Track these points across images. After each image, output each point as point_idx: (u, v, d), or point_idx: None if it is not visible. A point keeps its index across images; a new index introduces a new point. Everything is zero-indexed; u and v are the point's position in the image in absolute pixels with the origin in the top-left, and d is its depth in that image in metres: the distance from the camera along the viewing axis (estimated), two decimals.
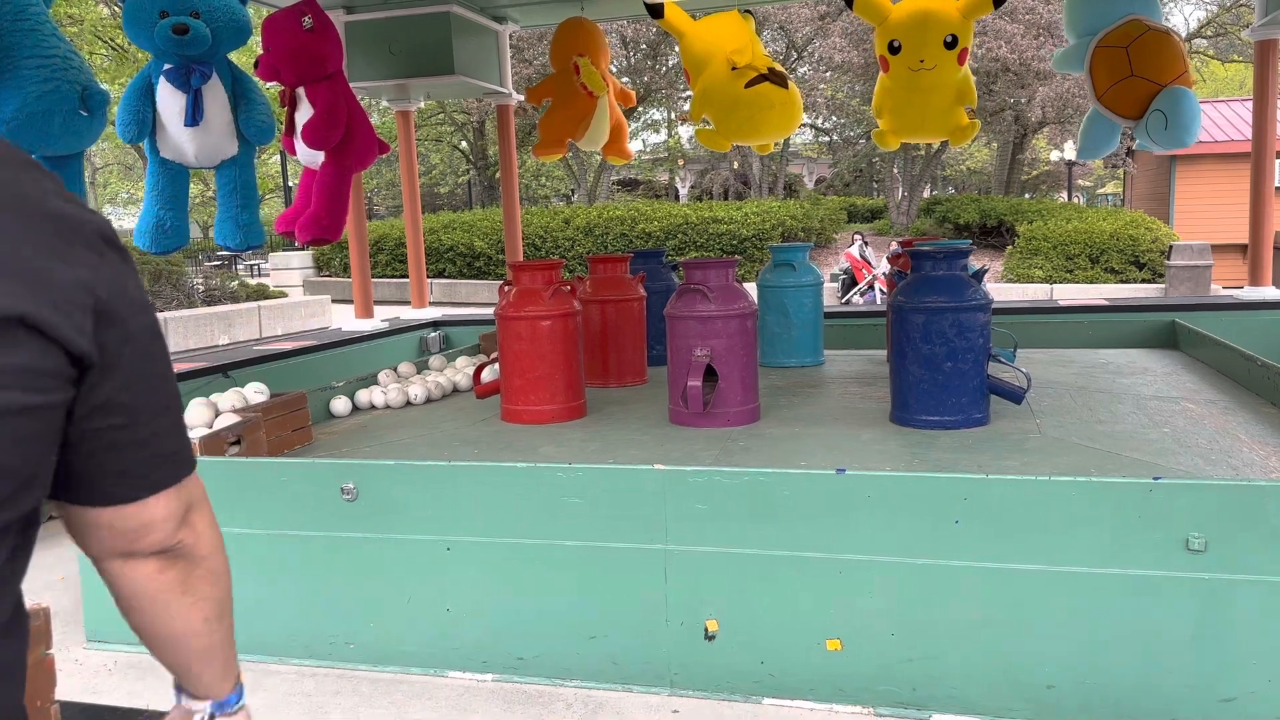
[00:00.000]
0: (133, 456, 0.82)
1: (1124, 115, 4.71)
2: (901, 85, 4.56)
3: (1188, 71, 4.61)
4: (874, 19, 4.45)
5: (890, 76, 4.54)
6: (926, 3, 4.44)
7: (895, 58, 4.45)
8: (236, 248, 4.28)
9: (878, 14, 4.43)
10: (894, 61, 4.47)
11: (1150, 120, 4.57)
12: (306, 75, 4.26)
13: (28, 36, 3.40)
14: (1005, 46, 16.28)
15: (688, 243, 17.11)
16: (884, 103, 4.69)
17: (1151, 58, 4.59)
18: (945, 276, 3.35)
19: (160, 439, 0.84)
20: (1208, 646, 2.31)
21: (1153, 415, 3.46)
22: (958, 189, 32.65)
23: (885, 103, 4.69)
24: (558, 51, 5.54)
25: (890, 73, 4.52)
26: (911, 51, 4.42)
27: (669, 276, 4.95)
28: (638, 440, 3.40)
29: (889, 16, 4.43)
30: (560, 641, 2.74)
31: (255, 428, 3.32)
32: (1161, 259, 14.22)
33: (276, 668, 2.93)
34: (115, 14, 14.90)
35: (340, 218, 4.46)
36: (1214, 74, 28.53)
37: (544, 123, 5.56)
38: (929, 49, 4.40)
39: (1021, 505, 2.39)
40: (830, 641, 2.54)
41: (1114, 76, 4.71)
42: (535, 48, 19.14)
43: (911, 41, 4.42)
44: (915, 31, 4.42)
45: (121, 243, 0.81)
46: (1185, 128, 4.50)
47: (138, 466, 0.83)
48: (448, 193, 29.39)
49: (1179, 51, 4.62)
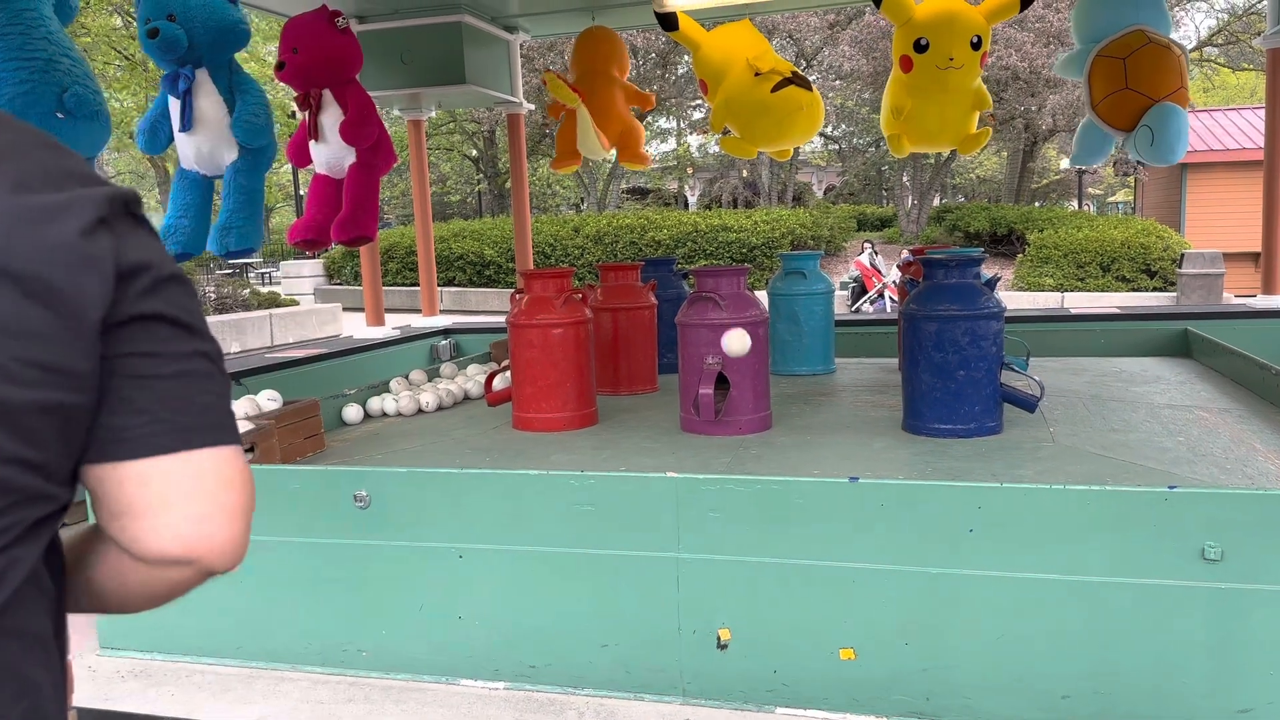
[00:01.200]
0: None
1: (1116, 126, 4.72)
2: (927, 85, 4.50)
3: (1184, 88, 4.59)
4: (899, 18, 4.39)
5: (914, 76, 4.45)
6: (953, 2, 4.42)
7: (922, 56, 4.36)
8: (219, 252, 4.27)
9: (903, 12, 4.37)
10: (920, 60, 4.38)
11: (1139, 135, 4.58)
12: (339, 77, 4.34)
13: (14, 40, 3.42)
14: (1016, 55, 16.28)
15: (697, 251, 17.14)
16: (901, 105, 4.62)
17: (1147, 72, 4.59)
18: (958, 285, 3.34)
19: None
20: (1224, 656, 2.29)
21: (1167, 424, 3.44)
22: (968, 197, 32.61)
23: (903, 105, 4.62)
24: (574, 62, 5.56)
25: (914, 72, 4.43)
26: (940, 50, 4.35)
27: (679, 284, 4.95)
28: (649, 448, 3.40)
29: (914, 15, 4.39)
30: (572, 650, 2.73)
31: (268, 435, 3.33)
32: (1173, 267, 14.17)
33: (290, 675, 2.93)
34: (128, 24, 15.01)
35: (375, 216, 4.59)
36: (1225, 82, 28.46)
37: (559, 136, 5.59)
38: (958, 47, 4.36)
39: (1036, 514, 2.38)
40: (844, 651, 2.53)
41: (1109, 87, 4.72)
42: (546, 57, 19.23)
43: (940, 39, 4.35)
44: (944, 29, 4.36)
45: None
46: (1169, 146, 4.52)
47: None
48: (459, 202, 29.50)
49: (1177, 67, 4.61)
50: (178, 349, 0.80)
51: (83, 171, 0.78)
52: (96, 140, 3.71)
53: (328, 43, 4.26)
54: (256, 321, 12.17)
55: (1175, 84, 4.56)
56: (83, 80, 3.61)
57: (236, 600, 2.97)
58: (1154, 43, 4.60)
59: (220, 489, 0.81)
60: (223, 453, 0.82)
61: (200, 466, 0.80)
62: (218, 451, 0.82)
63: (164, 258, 0.80)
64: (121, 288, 0.75)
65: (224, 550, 0.82)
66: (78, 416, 0.75)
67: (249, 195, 4.22)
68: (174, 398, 0.79)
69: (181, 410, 0.79)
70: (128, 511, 0.80)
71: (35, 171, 0.75)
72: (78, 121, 3.56)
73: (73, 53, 3.63)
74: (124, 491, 0.79)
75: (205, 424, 0.81)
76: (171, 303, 0.79)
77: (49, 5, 3.61)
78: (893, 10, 4.37)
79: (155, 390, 0.78)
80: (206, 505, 0.81)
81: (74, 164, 0.78)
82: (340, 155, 4.45)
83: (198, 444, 0.80)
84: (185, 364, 0.80)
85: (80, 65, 3.64)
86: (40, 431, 0.73)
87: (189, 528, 0.80)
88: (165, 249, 0.81)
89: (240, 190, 4.19)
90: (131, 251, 0.76)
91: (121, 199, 0.78)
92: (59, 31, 3.61)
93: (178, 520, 0.80)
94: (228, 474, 0.82)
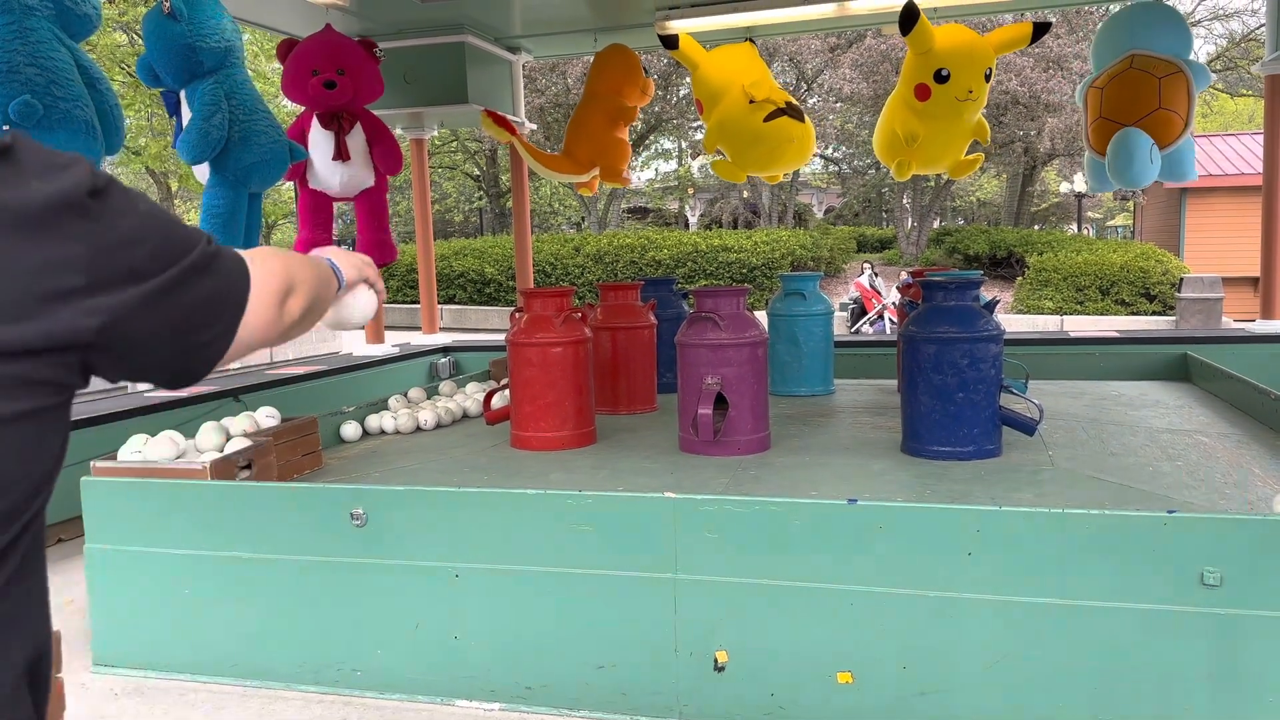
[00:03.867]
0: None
1: (1101, 154, 4.78)
2: (944, 114, 4.53)
3: (1160, 109, 4.62)
4: (921, 46, 4.42)
5: (931, 105, 4.48)
6: (968, 33, 4.45)
7: (941, 86, 4.40)
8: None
9: (926, 41, 4.40)
10: (939, 90, 4.42)
11: (1107, 161, 4.65)
12: (368, 102, 4.61)
13: None
14: (1015, 79, 16.38)
15: (697, 271, 17.17)
16: (914, 132, 4.63)
17: (1120, 100, 4.67)
18: (957, 307, 3.35)
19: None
20: (1223, 682, 2.28)
21: (1165, 448, 3.44)
22: (967, 220, 32.73)
23: (917, 132, 4.62)
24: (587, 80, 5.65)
25: (932, 100, 4.47)
26: (960, 82, 4.39)
27: (679, 304, 4.96)
28: (648, 468, 3.39)
29: (936, 44, 4.41)
30: (568, 671, 2.72)
31: (266, 452, 3.32)
32: (1172, 291, 14.19)
33: (284, 694, 2.91)
34: (132, 40, 15.09)
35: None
36: (1224, 108, 28.62)
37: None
38: (976, 80, 4.40)
39: (1035, 538, 2.37)
40: (841, 674, 2.51)
41: (1091, 116, 4.86)
42: (547, 77, 19.35)
43: (962, 71, 4.38)
44: (965, 61, 4.39)
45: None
46: (1117, 171, 4.62)
47: None
48: (461, 221, 29.59)
49: (1153, 90, 4.64)
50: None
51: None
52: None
53: (369, 68, 4.51)
54: None
55: (1148, 107, 4.60)
56: (44, 90, 3.52)
57: (231, 618, 2.96)
58: (1135, 69, 4.63)
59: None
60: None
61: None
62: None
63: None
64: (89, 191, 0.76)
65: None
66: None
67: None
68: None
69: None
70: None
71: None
72: (38, 131, 3.46)
73: (47, 62, 3.53)
74: None
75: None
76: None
77: (39, 16, 3.56)
78: (918, 39, 4.38)
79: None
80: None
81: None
82: (362, 178, 4.58)
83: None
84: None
85: (51, 75, 3.53)
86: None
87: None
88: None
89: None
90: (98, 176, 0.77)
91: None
92: (43, 42, 3.53)
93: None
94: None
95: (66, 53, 3.65)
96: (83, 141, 3.62)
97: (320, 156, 4.53)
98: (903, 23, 4.34)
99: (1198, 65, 4.69)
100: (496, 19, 5.70)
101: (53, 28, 3.63)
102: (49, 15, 3.62)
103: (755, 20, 5.42)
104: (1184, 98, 4.59)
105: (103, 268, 0.74)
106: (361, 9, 5.33)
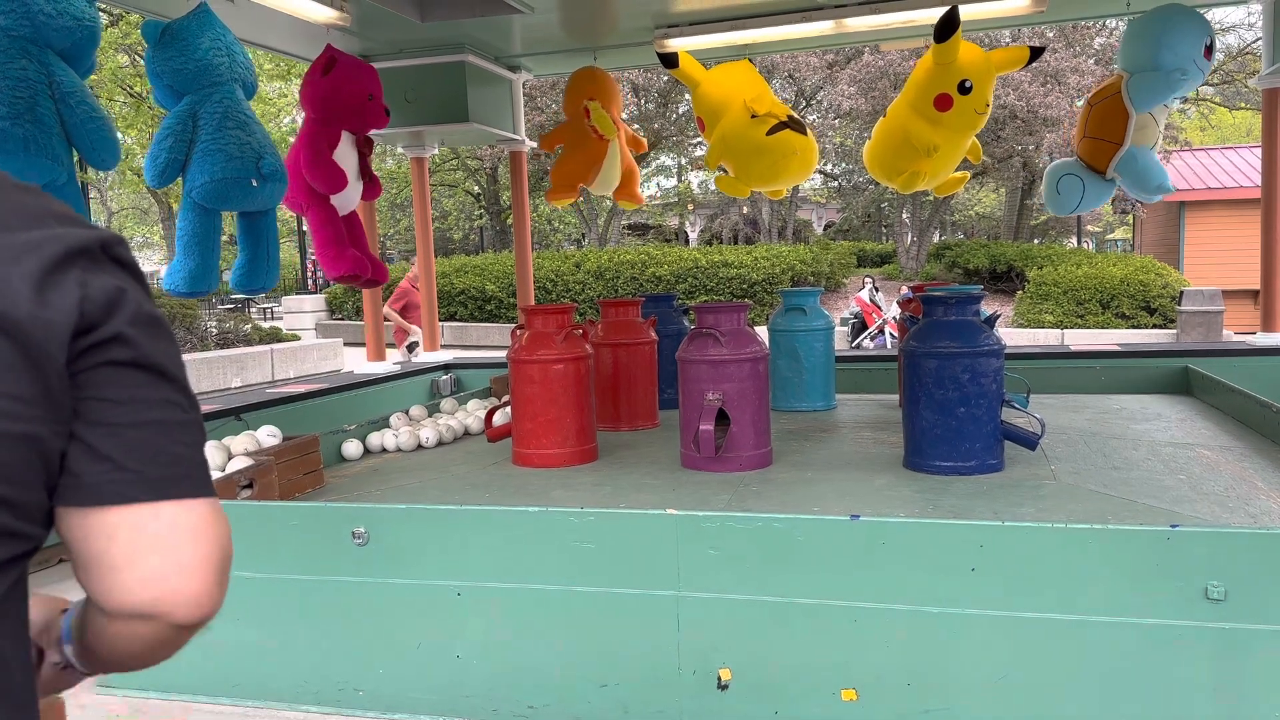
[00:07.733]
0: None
1: (1094, 170, 4.89)
2: (962, 125, 4.56)
3: (1085, 138, 4.92)
4: (948, 57, 4.42)
5: (952, 115, 4.50)
6: (979, 48, 4.51)
7: (964, 98, 4.42)
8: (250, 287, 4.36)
9: (954, 52, 4.39)
10: (961, 102, 4.43)
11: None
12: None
13: None
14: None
15: (698, 286, 17.19)
16: (933, 143, 4.64)
17: (1102, 118, 4.77)
18: (958, 322, 3.35)
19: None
20: (1228, 696, 2.27)
21: (1168, 462, 3.43)
22: (967, 234, 32.77)
23: (935, 143, 4.64)
24: (570, 99, 5.62)
25: (953, 111, 4.48)
26: (980, 94, 4.43)
27: (680, 320, 4.97)
28: (649, 485, 3.39)
29: (959, 56, 4.41)
30: (571, 689, 2.70)
31: (267, 471, 3.32)
32: (1172, 304, 14.20)
33: (286, 714, 2.90)
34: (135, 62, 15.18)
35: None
36: (1221, 121, 28.71)
37: (556, 169, 5.65)
38: (990, 94, 4.49)
39: (1037, 553, 2.36)
40: (845, 691, 2.50)
41: (1078, 135, 5.04)
42: (548, 95, 19.43)
43: (982, 84, 4.42)
44: (984, 74, 4.42)
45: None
46: (1048, 196, 5.07)
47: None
48: (461, 238, 29.66)
49: (1083, 117, 4.93)
50: (149, 395, 0.78)
51: (64, 213, 0.78)
52: (24, 167, 3.31)
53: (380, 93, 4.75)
54: (257, 356, 12.19)
55: (1082, 133, 4.98)
56: (15, 108, 3.24)
57: (233, 638, 2.95)
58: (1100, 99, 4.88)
59: (188, 542, 0.79)
60: (193, 505, 0.80)
61: (169, 519, 0.78)
62: (186, 504, 0.79)
63: (141, 301, 0.79)
64: (88, 328, 0.75)
65: (190, 604, 0.79)
66: (49, 453, 0.74)
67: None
68: (143, 446, 0.78)
69: (151, 460, 0.78)
70: (95, 563, 0.77)
71: (11, 211, 0.75)
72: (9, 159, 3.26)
73: (39, 79, 3.31)
74: (90, 542, 0.77)
75: (175, 475, 0.79)
76: (145, 347, 0.78)
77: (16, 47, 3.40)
78: (950, 49, 4.37)
79: (124, 438, 0.77)
80: (172, 558, 0.78)
81: (56, 206, 0.79)
82: (357, 198, 4.72)
83: (166, 495, 0.78)
84: (157, 412, 0.78)
85: (36, 90, 3.29)
86: (11, 465, 0.72)
87: (154, 581, 0.77)
88: (146, 294, 0.80)
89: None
90: (101, 293, 0.75)
91: (99, 241, 0.77)
92: (18, 68, 3.30)
93: (142, 574, 0.77)
94: (197, 526, 0.79)
95: (30, 65, 3.44)
96: (19, 160, 3.33)
97: (351, 176, 4.60)
98: (942, 30, 4.30)
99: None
100: (497, 38, 5.73)
101: (22, 40, 3.44)
102: (13, 25, 3.39)
103: (753, 38, 5.45)
104: (1119, 123, 4.74)
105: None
106: (363, 29, 5.36)
